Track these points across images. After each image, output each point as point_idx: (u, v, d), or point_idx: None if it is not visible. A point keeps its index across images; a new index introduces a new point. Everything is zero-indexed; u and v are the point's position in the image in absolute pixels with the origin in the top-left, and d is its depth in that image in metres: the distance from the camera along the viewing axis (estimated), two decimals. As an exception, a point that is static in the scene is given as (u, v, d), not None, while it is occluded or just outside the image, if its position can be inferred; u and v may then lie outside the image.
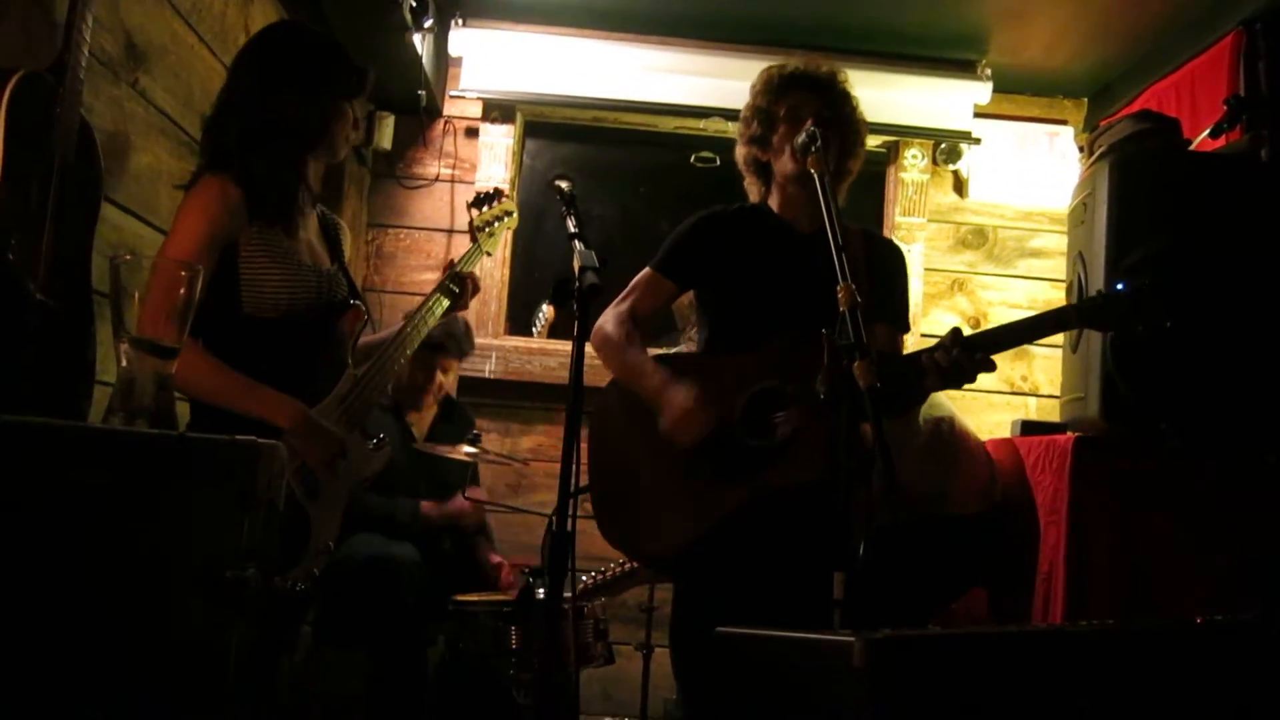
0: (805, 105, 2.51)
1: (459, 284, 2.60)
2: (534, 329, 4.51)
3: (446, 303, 2.57)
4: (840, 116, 2.55)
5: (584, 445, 2.21)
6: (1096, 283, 2.99)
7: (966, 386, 2.27)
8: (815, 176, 2.21)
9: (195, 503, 1.21)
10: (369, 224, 4.41)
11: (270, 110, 2.25)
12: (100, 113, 2.42)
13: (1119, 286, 2.80)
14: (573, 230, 2.11)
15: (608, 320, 2.57)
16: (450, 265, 2.63)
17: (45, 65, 1.95)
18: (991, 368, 2.23)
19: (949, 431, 3.41)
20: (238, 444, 1.26)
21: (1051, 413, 4.28)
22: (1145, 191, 2.96)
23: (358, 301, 2.45)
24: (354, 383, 2.36)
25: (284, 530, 2.11)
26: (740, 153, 2.65)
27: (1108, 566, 2.76)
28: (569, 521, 1.69)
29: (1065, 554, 2.78)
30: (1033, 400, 4.42)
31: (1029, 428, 3.33)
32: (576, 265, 1.92)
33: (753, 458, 2.35)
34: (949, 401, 3.45)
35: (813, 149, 2.27)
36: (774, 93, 2.55)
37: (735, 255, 2.53)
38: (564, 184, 2.29)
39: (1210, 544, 2.73)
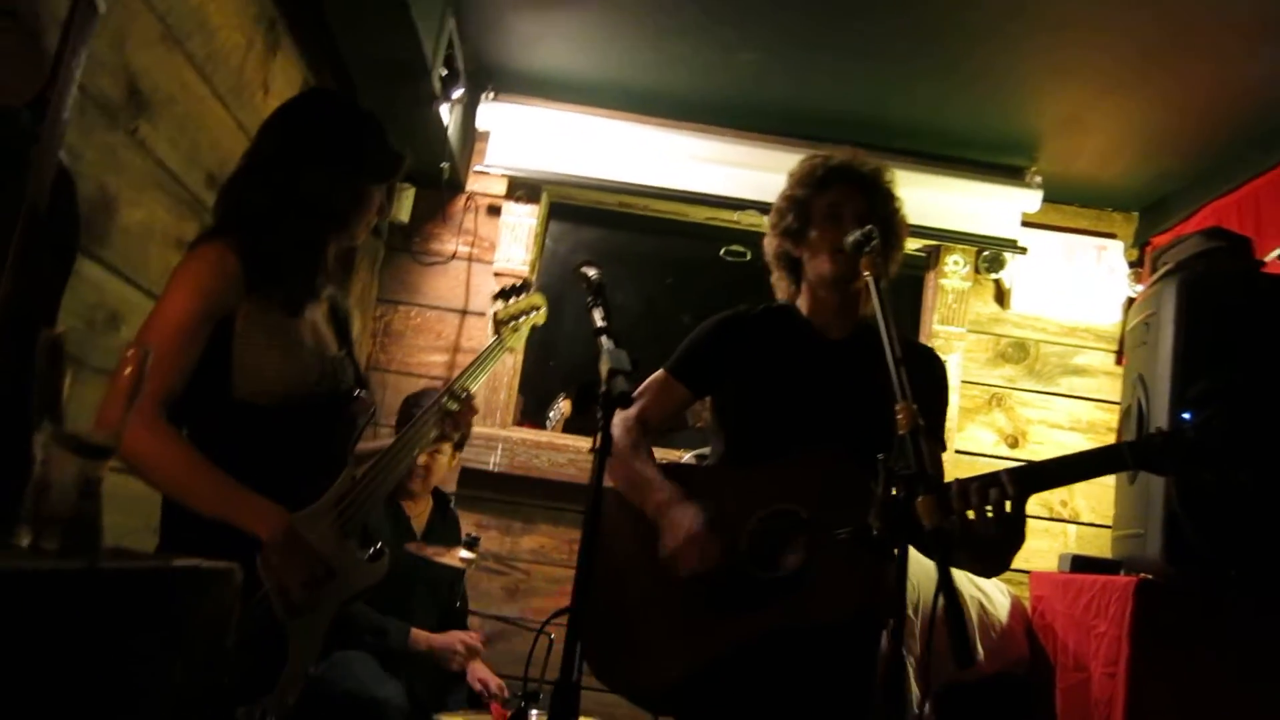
0: (847, 202, 2.30)
1: (458, 403, 2.32)
2: (548, 423, 4.25)
3: (435, 430, 2.28)
4: (883, 217, 2.33)
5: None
6: (1160, 409, 2.75)
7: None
8: (870, 280, 1.98)
9: (106, 646, 0.94)
10: (379, 299, 4.18)
11: (295, 183, 2.04)
12: (90, 159, 2.21)
13: (1185, 416, 2.55)
14: (600, 324, 1.86)
15: (614, 424, 2.32)
16: (445, 388, 2.33)
17: (25, 100, 1.74)
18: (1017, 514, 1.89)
19: (982, 588, 3.17)
20: (168, 573, 1.00)
21: (1093, 542, 4.00)
22: (1215, 314, 2.75)
23: (363, 391, 2.21)
24: (352, 484, 2.09)
25: (258, 651, 1.86)
26: (770, 245, 2.43)
27: (1171, 732, 2.46)
28: (575, 670, 1.41)
29: (1125, 716, 2.48)
30: (1073, 528, 4.12)
31: (1080, 564, 3.05)
32: (604, 368, 1.66)
33: (762, 589, 2.08)
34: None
35: (867, 249, 2.04)
36: (814, 185, 2.33)
37: (756, 361, 2.30)
38: (591, 271, 2.05)
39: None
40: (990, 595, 3.17)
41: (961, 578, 3.19)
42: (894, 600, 1.75)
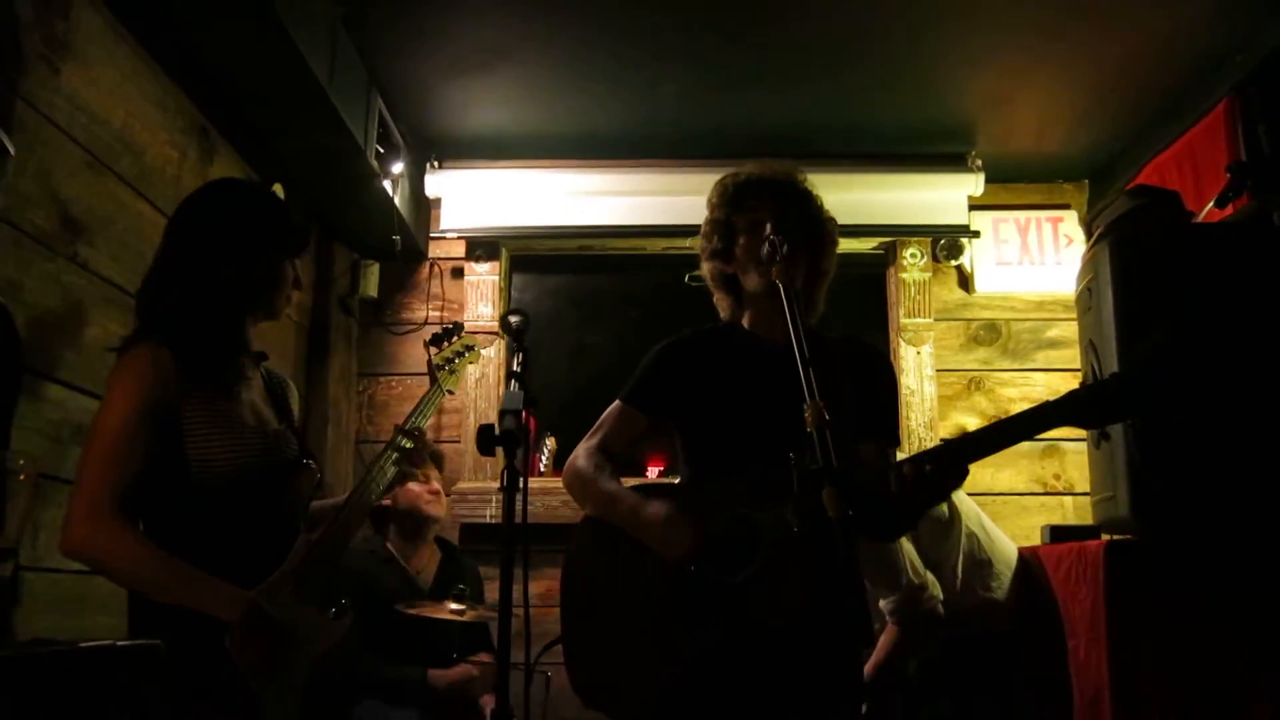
0: (763, 211, 2.36)
1: (411, 440, 2.43)
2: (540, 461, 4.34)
3: (394, 469, 2.39)
4: (804, 218, 2.39)
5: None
6: (1111, 371, 2.78)
7: (996, 489, 2.00)
8: (780, 287, 2.05)
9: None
10: (360, 374, 4.30)
11: (205, 272, 2.14)
12: (31, 289, 2.33)
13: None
14: (514, 369, 1.96)
15: (579, 456, 2.40)
16: (397, 428, 2.45)
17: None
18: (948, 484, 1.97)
19: (985, 526, 3.19)
20: (79, 655, 1.08)
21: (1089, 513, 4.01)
22: (1150, 271, 2.79)
23: (309, 461, 2.30)
24: (308, 549, 2.19)
25: (236, 717, 1.95)
26: (704, 268, 2.49)
27: (1161, 691, 2.47)
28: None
29: (1110, 679, 2.50)
30: (1069, 500, 4.14)
31: (1059, 533, 3.08)
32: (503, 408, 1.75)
33: (723, 594, 2.13)
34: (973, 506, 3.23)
35: (776, 259, 2.12)
36: (730, 203, 2.40)
37: (705, 380, 2.36)
38: (513, 319, 2.15)
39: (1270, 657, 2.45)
40: (990, 534, 3.17)
41: (972, 510, 3.23)
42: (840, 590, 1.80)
